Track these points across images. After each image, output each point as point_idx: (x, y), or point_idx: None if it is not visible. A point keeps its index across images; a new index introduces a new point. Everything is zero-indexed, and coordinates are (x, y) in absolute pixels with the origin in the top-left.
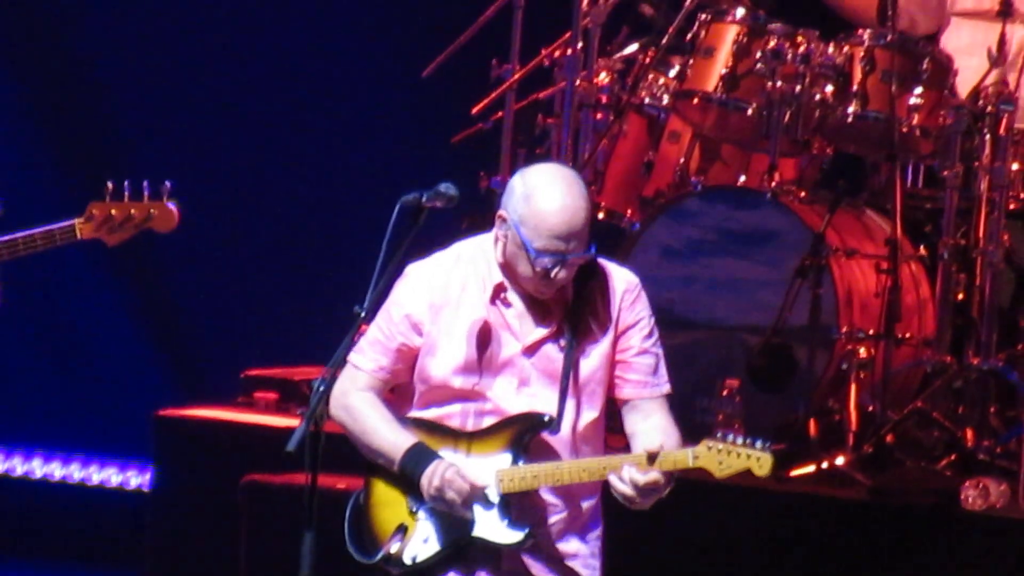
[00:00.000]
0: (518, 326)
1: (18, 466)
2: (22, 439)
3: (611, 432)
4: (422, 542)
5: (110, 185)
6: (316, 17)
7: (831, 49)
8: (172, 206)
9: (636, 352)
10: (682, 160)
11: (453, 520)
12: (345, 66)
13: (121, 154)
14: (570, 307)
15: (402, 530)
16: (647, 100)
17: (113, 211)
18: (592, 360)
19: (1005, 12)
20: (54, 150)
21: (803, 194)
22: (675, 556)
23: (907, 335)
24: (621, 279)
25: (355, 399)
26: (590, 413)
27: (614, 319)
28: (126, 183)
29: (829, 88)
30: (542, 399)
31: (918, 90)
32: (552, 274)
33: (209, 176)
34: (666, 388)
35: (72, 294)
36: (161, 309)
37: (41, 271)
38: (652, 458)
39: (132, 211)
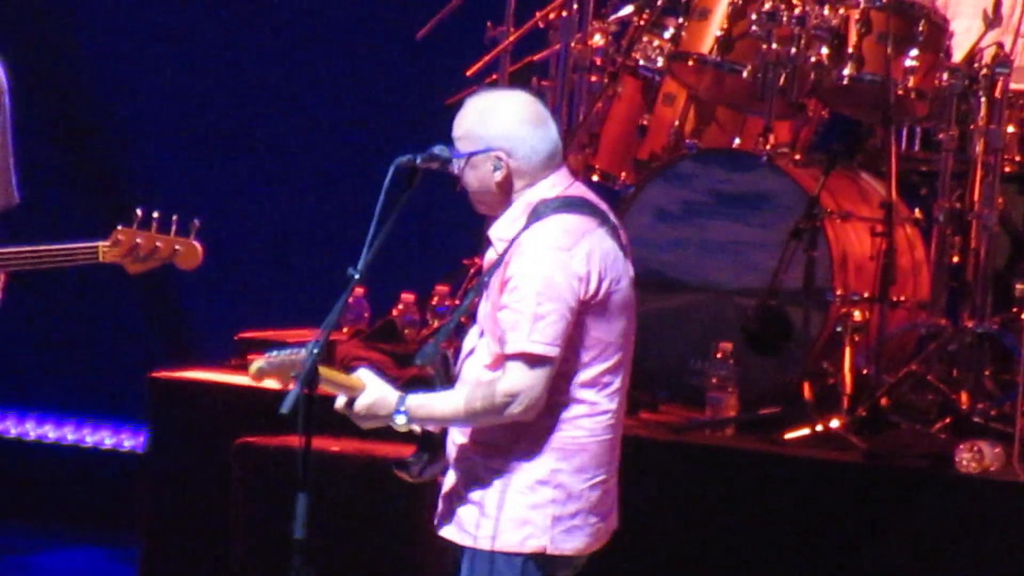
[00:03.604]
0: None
1: (12, 428)
2: (16, 401)
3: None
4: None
5: (139, 213)
6: None
7: (826, 11)
8: (198, 244)
9: (499, 308)
10: (677, 123)
11: None
12: (340, 29)
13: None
14: (498, 255)
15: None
16: (641, 62)
17: (139, 239)
18: (486, 307)
19: None
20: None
21: (798, 157)
22: (668, 518)
23: (902, 298)
24: (526, 232)
25: None
26: (483, 357)
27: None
28: (155, 214)
29: (824, 50)
30: (484, 345)
31: (914, 52)
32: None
33: (205, 136)
34: (519, 347)
35: None
36: (155, 270)
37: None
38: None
39: (158, 243)
